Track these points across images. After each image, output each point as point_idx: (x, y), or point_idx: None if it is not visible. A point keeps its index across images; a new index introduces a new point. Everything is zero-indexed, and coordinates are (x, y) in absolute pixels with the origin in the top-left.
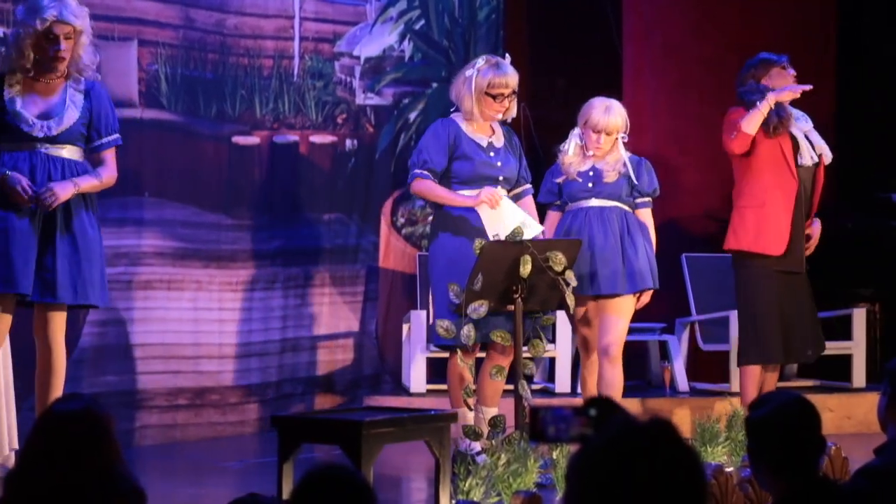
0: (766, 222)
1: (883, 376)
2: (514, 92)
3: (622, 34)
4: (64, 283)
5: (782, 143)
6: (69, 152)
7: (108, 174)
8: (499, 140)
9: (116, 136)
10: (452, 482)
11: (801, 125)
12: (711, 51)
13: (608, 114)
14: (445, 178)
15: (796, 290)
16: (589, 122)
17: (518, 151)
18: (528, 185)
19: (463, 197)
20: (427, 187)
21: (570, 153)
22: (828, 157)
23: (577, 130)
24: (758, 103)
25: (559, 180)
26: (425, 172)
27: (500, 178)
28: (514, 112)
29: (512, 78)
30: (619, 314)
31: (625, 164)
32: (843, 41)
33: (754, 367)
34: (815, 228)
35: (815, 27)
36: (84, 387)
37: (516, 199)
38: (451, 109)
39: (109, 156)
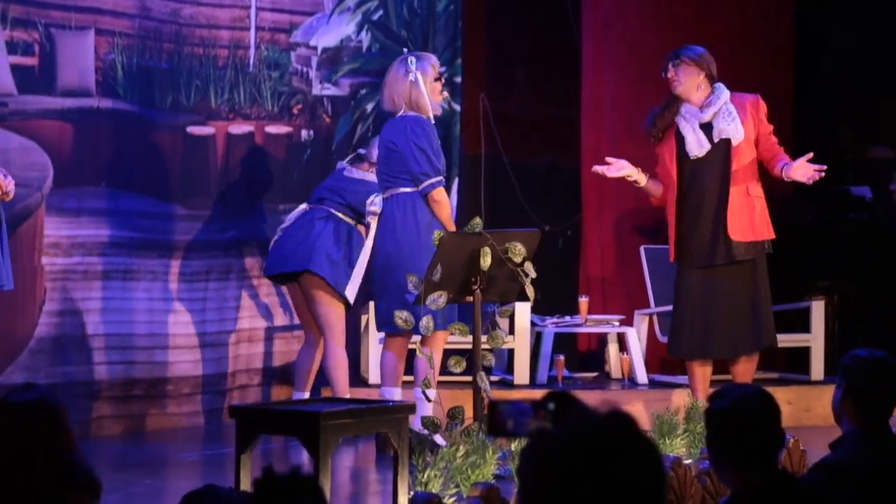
0: (668, 231)
1: (838, 370)
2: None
3: (581, 27)
4: None
5: (665, 148)
6: None
7: None
8: None
9: None
10: (411, 474)
11: (704, 114)
12: (670, 44)
13: None
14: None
15: (726, 285)
16: None
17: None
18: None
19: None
20: (443, 201)
21: None
22: (735, 138)
23: None
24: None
25: None
26: (443, 180)
27: None
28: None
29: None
30: None
31: None
32: (801, 33)
33: (690, 362)
34: (793, 166)
35: (772, 20)
36: (41, 377)
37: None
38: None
39: None
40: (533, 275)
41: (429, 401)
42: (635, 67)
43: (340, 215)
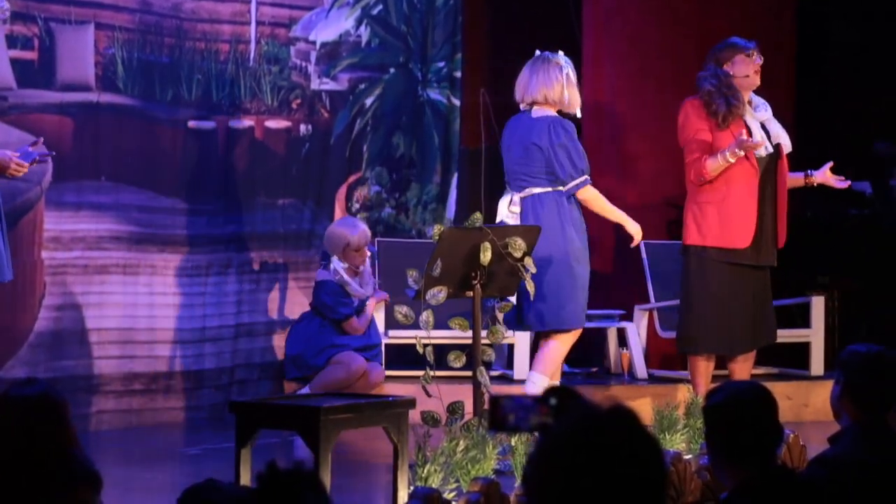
0: (729, 216)
1: (837, 365)
2: None
3: (582, 21)
4: None
5: (735, 134)
6: None
7: None
8: None
9: None
10: (411, 468)
11: (759, 114)
12: (671, 39)
13: None
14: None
15: (755, 284)
16: None
17: None
18: None
19: (628, 218)
20: (596, 195)
21: None
22: (787, 146)
23: None
24: (726, 153)
25: None
26: (588, 178)
27: None
28: None
29: None
30: None
31: None
32: (804, 30)
33: (697, 357)
34: (818, 174)
35: (774, 14)
36: (41, 371)
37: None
38: (528, 107)
39: None
40: (533, 270)
41: (428, 396)
42: (636, 62)
43: None
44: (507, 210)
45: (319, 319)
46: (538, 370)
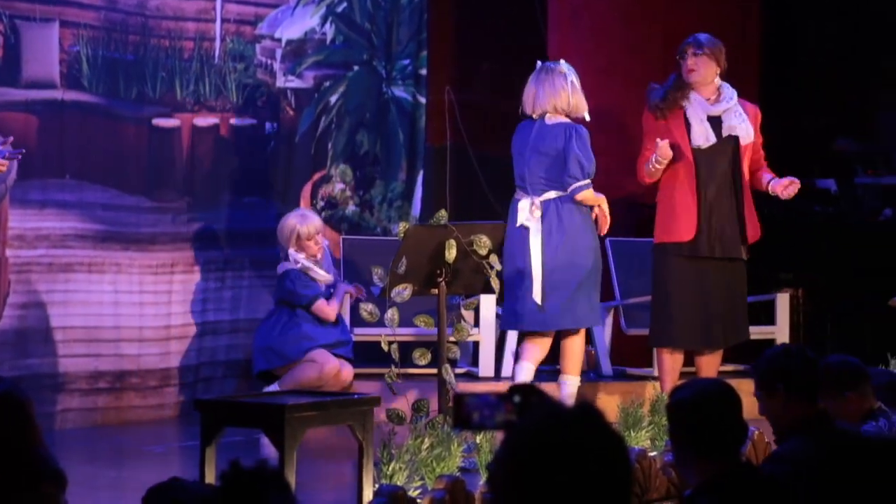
0: (673, 210)
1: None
2: None
3: (547, 18)
4: None
5: (674, 128)
6: None
7: None
8: None
9: None
10: (376, 466)
11: (717, 107)
12: (637, 36)
13: None
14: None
15: (717, 277)
16: None
17: None
18: None
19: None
20: (589, 197)
21: None
22: (744, 137)
23: None
24: (652, 159)
25: None
26: (589, 183)
27: None
28: None
29: None
30: None
31: None
32: (768, 25)
33: (663, 353)
34: (780, 182)
35: (740, 12)
36: (5, 370)
37: None
38: (537, 115)
39: None
40: (498, 267)
41: (394, 394)
42: (602, 59)
43: None
44: (529, 214)
45: (288, 311)
46: (572, 372)
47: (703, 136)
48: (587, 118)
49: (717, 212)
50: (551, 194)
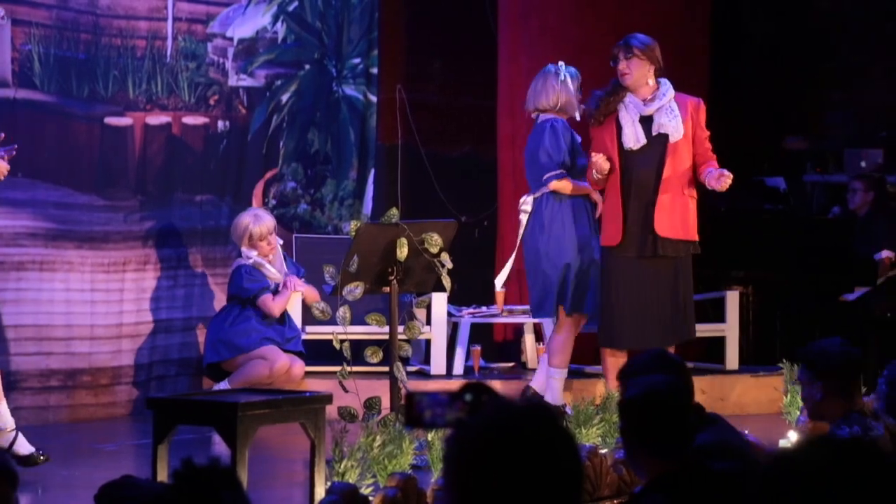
0: (604, 215)
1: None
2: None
3: (498, 17)
4: None
5: (606, 134)
6: None
7: None
8: None
9: None
10: (328, 464)
11: (649, 107)
12: (588, 34)
13: None
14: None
15: (656, 276)
16: None
17: None
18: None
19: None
20: (564, 185)
21: None
22: (674, 136)
23: None
24: (593, 171)
25: None
26: (562, 173)
27: None
28: None
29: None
30: None
31: None
32: (716, 26)
33: (606, 353)
34: (713, 175)
35: (689, 13)
36: None
37: None
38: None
39: None
40: (449, 265)
41: (345, 391)
42: (553, 57)
43: None
44: (521, 209)
45: (239, 306)
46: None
47: (633, 139)
48: (577, 117)
49: (647, 212)
50: (541, 191)
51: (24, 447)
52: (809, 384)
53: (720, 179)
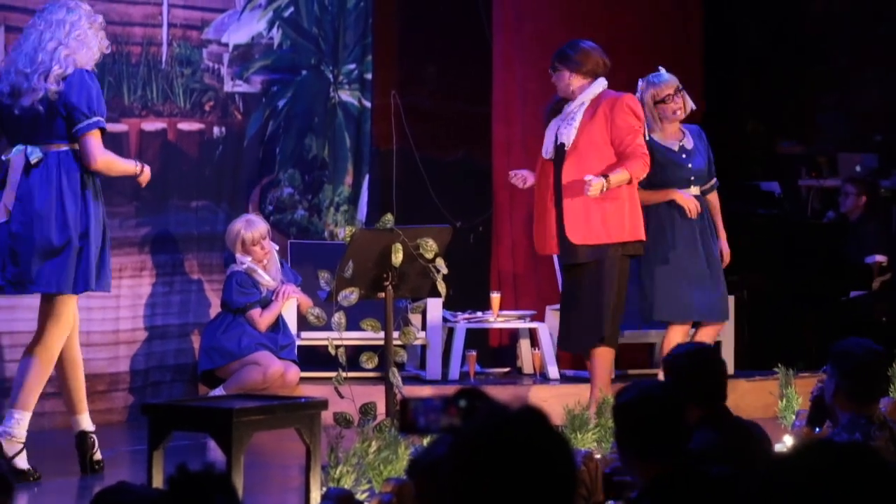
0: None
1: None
2: (679, 89)
3: (492, 23)
4: None
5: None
6: None
7: None
8: (689, 142)
9: None
10: (323, 470)
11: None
12: (581, 38)
13: None
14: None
15: (580, 283)
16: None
17: (707, 149)
18: (715, 180)
19: None
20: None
21: None
22: (566, 142)
23: None
24: None
25: None
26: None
27: (692, 178)
28: (691, 105)
29: (670, 80)
30: None
31: None
32: (709, 30)
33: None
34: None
35: (681, 17)
36: None
37: (706, 193)
38: None
39: None
40: (444, 271)
41: (341, 397)
42: (546, 62)
43: None
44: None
45: (232, 314)
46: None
47: (544, 149)
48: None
49: (561, 221)
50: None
51: (22, 463)
52: (829, 379)
53: (586, 185)
